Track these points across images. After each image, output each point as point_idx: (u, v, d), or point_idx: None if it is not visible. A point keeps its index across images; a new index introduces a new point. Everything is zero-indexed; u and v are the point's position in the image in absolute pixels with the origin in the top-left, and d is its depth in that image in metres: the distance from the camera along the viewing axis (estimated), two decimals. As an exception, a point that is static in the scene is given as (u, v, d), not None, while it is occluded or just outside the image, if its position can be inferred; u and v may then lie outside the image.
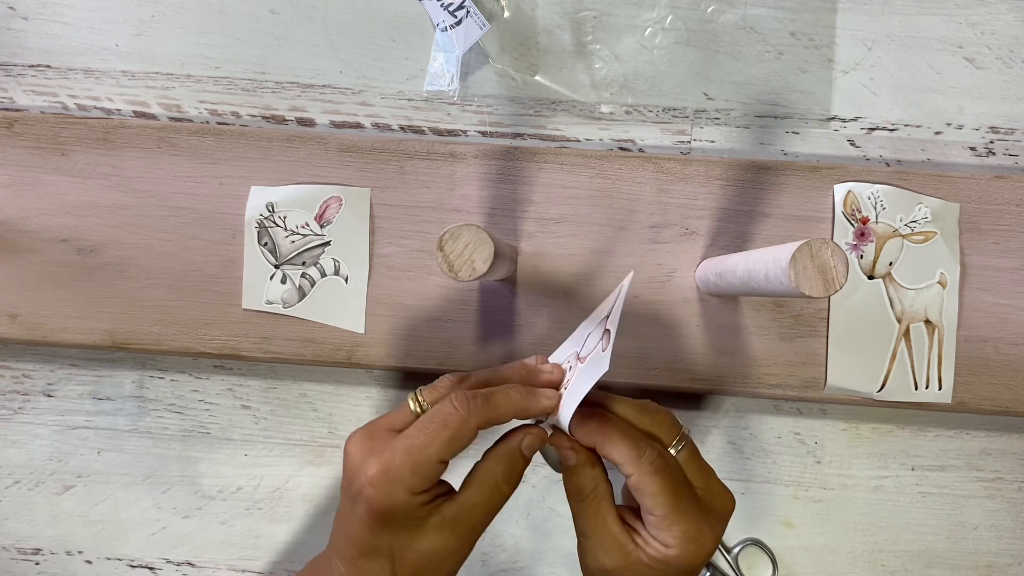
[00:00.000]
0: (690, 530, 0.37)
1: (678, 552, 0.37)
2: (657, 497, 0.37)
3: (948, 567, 0.53)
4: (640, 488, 0.37)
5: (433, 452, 0.36)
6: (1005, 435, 0.53)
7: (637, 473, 0.37)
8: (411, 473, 0.35)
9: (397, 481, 0.35)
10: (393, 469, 0.35)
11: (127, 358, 0.56)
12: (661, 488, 0.37)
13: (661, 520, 0.37)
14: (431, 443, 0.36)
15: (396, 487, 0.35)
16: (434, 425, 0.36)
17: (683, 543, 0.37)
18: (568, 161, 0.52)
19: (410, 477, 0.35)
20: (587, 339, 0.41)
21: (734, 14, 0.55)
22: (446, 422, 0.36)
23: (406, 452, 0.35)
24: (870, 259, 0.51)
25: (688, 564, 0.38)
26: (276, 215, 0.52)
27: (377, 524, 0.36)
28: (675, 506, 0.37)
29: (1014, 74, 0.54)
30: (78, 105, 0.56)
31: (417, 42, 0.55)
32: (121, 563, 0.55)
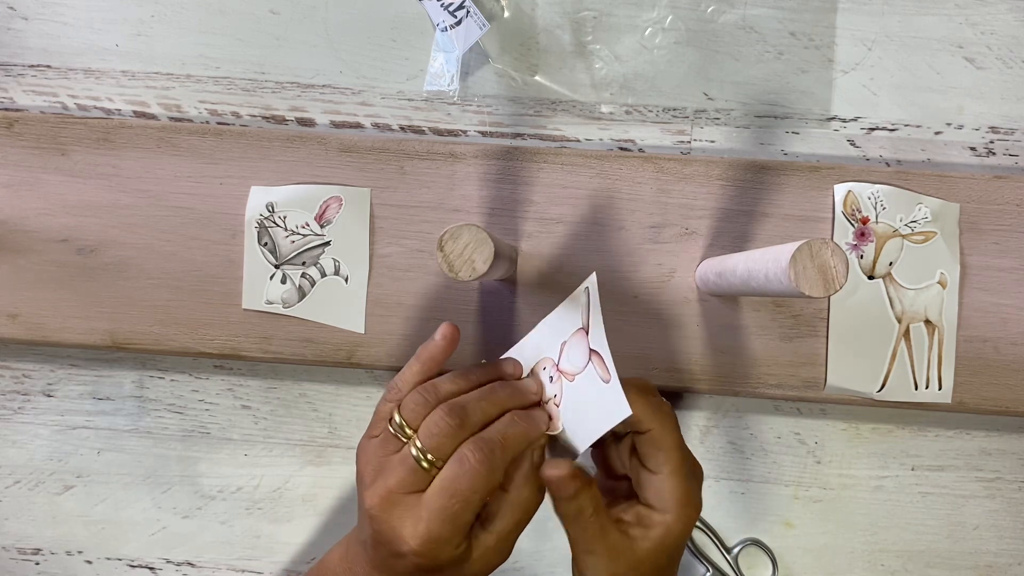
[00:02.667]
0: (687, 491, 0.39)
1: (675, 516, 0.38)
2: (670, 452, 0.38)
3: (948, 567, 0.53)
4: (656, 442, 0.39)
5: (469, 516, 0.37)
6: (1005, 435, 0.53)
7: (658, 427, 0.38)
8: (452, 535, 0.37)
9: (441, 545, 0.37)
10: (435, 538, 0.37)
11: (127, 358, 0.56)
12: (674, 443, 0.39)
13: (665, 479, 0.38)
14: (466, 509, 0.37)
15: (443, 550, 0.37)
16: (463, 491, 0.37)
17: (680, 505, 0.38)
18: (568, 161, 0.52)
19: (452, 538, 0.37)
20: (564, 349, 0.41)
21: (734, 14, 0.55)
22: (474, 487, 0.37)
23: (443, 521, 0.36)
24: (870, 259, 0.51)
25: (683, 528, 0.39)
26: (276, 215, 0.52)
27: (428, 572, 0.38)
28: (680, 465, 0.39)
29: (1014, 74, 0.54)
30: (78, 105, 0.56)
31: (417, 42, 0.55)
32: (121, 563, 0.55)
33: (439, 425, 0.38)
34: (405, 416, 0.39)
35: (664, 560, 0.39)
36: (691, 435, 0.54)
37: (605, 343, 0.38)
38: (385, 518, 0.37)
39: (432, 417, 0.38)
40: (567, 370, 0.40)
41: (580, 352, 0.40)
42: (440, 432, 0.38)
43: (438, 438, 0.38)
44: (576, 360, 0.40)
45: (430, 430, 0.38)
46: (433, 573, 0.38)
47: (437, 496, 0.37)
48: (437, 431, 0.38)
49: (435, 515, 0.36)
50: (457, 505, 0.36)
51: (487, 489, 0.37)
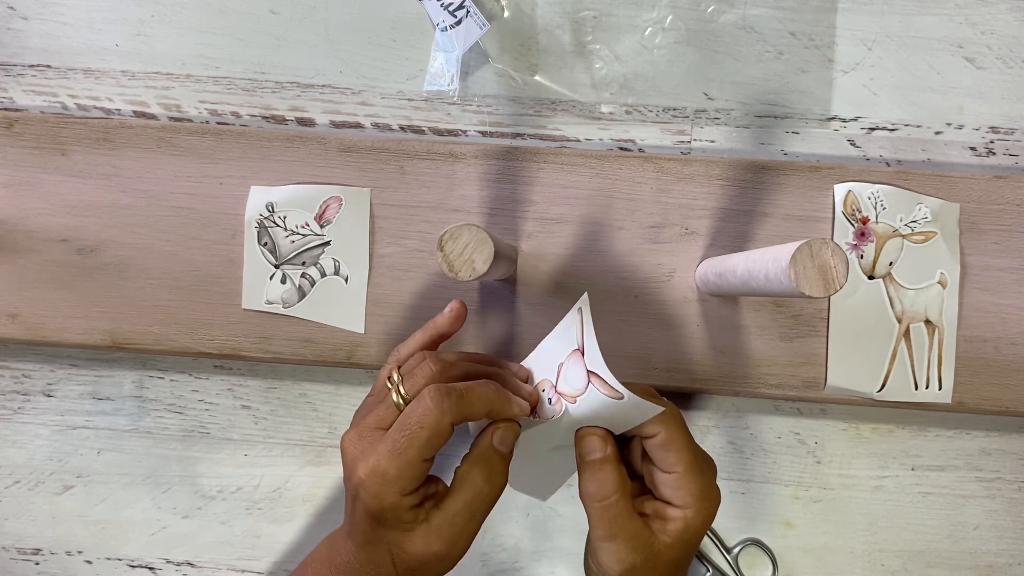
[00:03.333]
0: (705, 485, 0.39)
1: (696, 511, 0.38)
2: (681, 452, 0.39)
3: (948, 567, 0.53)
4: (667, 444, 0.39)
5: (414, 453, 0.36)
6: (1005, 435, 0.53)
7: (664, 429, 0.39)
8: (397, 475, 0.36)
9: (386, 484, 0.36)
10: (380, 472, 0.36)
11: (127, 358, 0.56)
12: (685, 443, 0.39)
13: (681, 478, 0.39)
14: (411, 445, 0.36)
15: (386, 489, 0.36)
16: (411, 426, 0.37)
17: (700, 500, 0.39)
18: (568, 161, 0.52)
19: (396, 479, 0.36)
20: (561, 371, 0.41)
21: (734, 14, 0.55)
22: (422, 423, 0.36)
23: (390, 455, 0.36)
24: (870, 259, 0.51)
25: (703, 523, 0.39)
26: (276, 215, 0.52)
27: (373, 521, 0.37)
28: (694, 462, 0.39)
29: (1014, 74, 0.54)
30: (78, 105, 0.56)
31: (417, 42, 0.55)
32: (121, 563, 0.55)
33: (421, 369, 0.39)
34: (403, 372, 0.40)
35: (682, 555, 0.39)
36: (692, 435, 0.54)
37: (603, 363, 0.38)
38: (351, 450, 0.38)
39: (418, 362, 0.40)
40: (566, 392, 0.40)
41: (578, 374, 0.40)
42: (419, 374, 0.39)
43: (414, 378, 0.39)
44: (575, 382, 0.40)
45: (412, 372, 0.39)
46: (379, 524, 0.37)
47: (391, 431, 0.37)
48: (418, 373, 0.39)
49: (385, 447, 0.37)
50: (404, 439, 0.36)
51: (435, 429, 0.36)
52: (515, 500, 0.54)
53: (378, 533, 0.38)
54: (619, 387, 0.37)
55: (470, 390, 0.38)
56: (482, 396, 0.38)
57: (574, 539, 0.54)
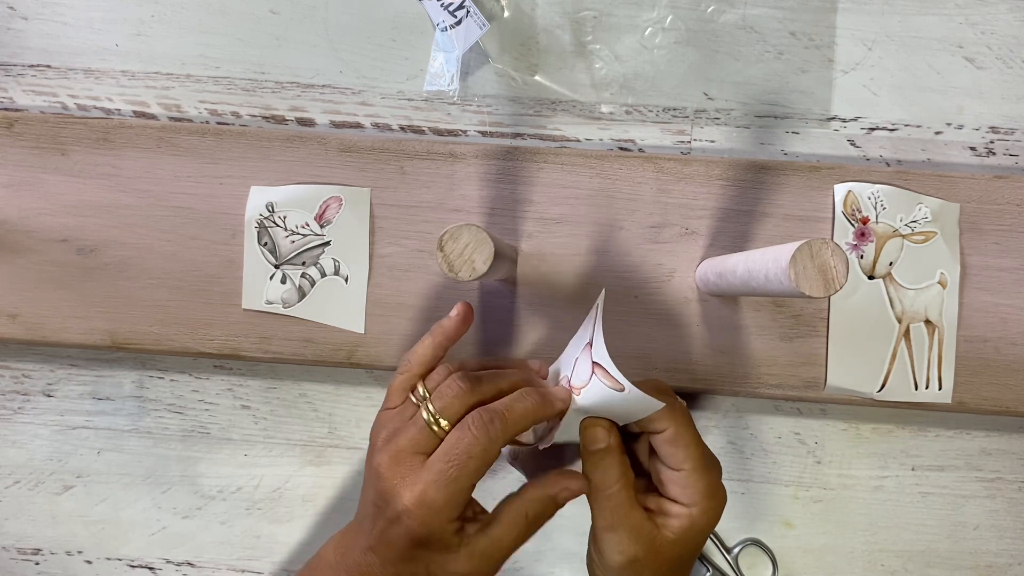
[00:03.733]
0: (711, 483, 0.39)
1: (701, 509, 0.39)
2: (689, 449, 0.39)
3: (948, 567, 0.53)
4: (674, 441, 0.39)
5: (464, 483, 0.37)
6: (1005, 435, 0.53)
7: (672, 425, 0.39)
8: (446, 504, 0.37)
9: (433, 512, 0.37)
10: (428, 502, 0.37)
11: (127, 358, 0.56)
12: (692, 440, 0.39)
13: (688, 475, 0.39)
14: (461, 475, 0.37)
15: (434, 517, 0.37)
16: (459, 455, 0.37)
17: (705, 499, 0.39)
18: (568, 161, 0.52)
19: (445, 507, 0.37)
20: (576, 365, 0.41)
21: (734, 14, 0.55)
22: (471, 452, 0.37)
23: (438, 485, 0.37)
24: (870, 259, 0.51)
25: (708, 522, 0.39)
26: (276, 215, 0.52)
27: (415, 546, 0.38)
28: (701, 460, 0.39)
29: (1014, 74, 0.54)
30: (78, 105, 0.56)
31: (417, 42, 0.55)
32: (121, 563, 0.55)
33: (451, 387, 0.39)
34: (429, 387, 0.40)
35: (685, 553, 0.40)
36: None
37: (606, 355, 0.38)
38: (389, 475, 0.38)
39: (446, 381, 0.39)
40: (576, 385, 0.40)
41: (585, 367, 0.40)
42: (450, 394, 0.39)
43: (447, 399, 0.38)
44: (582, 375, 0.40)
45: (442, 392, 0.39)
46: (422, 548, 0.38)
47: (437, 459, 0.37)
48: (448, 393, 0.39)
49: (432, 476, 0.37)
50: (453, 470, 0.37)
51: (484, 458, 0.37)
52: (515, 500, 0.54)
53: (418, 554, 0.38)
54: (621, 379, 0.37)
55: (511, 409, 0.38)
56: (525, 412, 0.38)
57: (574, 539, 0.54)
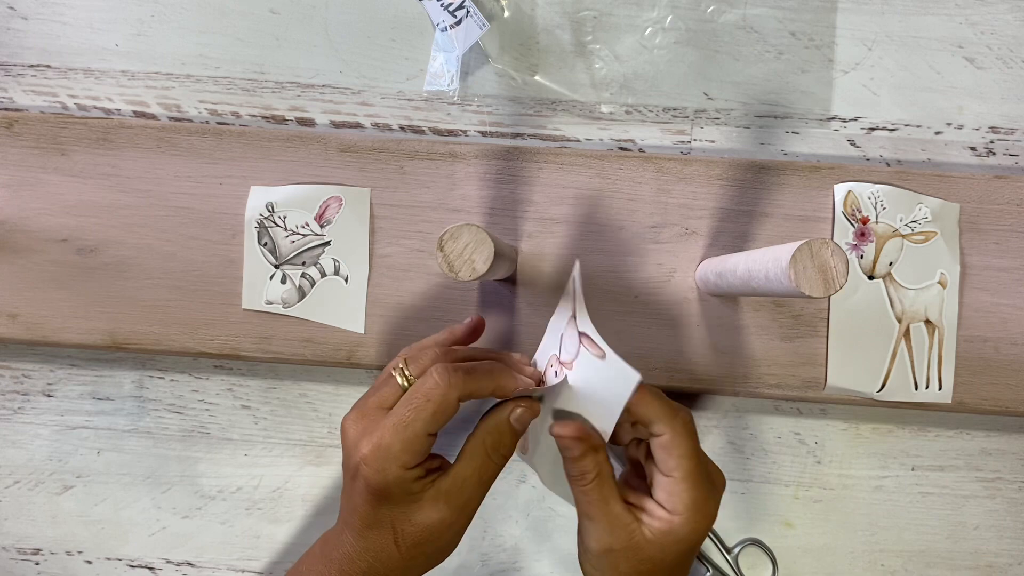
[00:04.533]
0: (699, 498, 0.39)
1: (683, 520, 0.38)
2: (684, 459, 0.39)
3: (948, 567, 0.53)
4: (668, 447, 0.39)
5: (420, 427, 0.37)
6: (1005, 435, 0.53)
7: (670, 432, 0.39)
8: (401, 449, 0.37)
9: (389, 458, 0.37)
10: (384, 446, 0.37)
11: (127, 358, 0.56)
12: (688, 451, 0.39)
13: (677, 483, 0.39)
14: (416, 418, 0.37)
15: (389, 464, 0.37)
16: (418, 400, 0.37)
17: (690, 511, 0.38)
18: (568, 161, 0.52)
19: (401, 453, 0.37)
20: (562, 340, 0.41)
21: (734, 14, 0.55)
22: (428, 396, 0.37)
23: (394, 429, 0.37)
24: (870, 259, 0.51)
25: (689, 534, 0.39)
26: (276, 215, 0.52)
27: (375, 499, 0.37)
28: (693, 471, 0.39)
29: (1014, 74, 0.54)
30: (78, 105, 0.56)
31: (417, 42, 0.55)
32: (121, 563, 0.55)
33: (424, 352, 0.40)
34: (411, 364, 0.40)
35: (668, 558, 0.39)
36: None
37: (590, 323, 0.38)
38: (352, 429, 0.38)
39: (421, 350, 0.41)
40: (565, 360, 0.40)
41: (572, 339, 0.40)
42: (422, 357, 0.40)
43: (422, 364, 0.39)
44: (570, 348, 0.40)
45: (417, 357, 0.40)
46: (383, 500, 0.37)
47: (396, 407, 0.38)
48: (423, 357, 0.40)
49: (388, 422, 0.37)
50: (409, 412, 0.37)
51: (441, 403, 0.37)
52: (515, 500, 0.54)
53: (380, 512, 0.38)
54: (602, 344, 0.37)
55: (476, 368, 0.39)
56: (488, 372, 0.39)
57: (574, 539, 0.54)
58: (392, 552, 0.38)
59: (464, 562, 0.54)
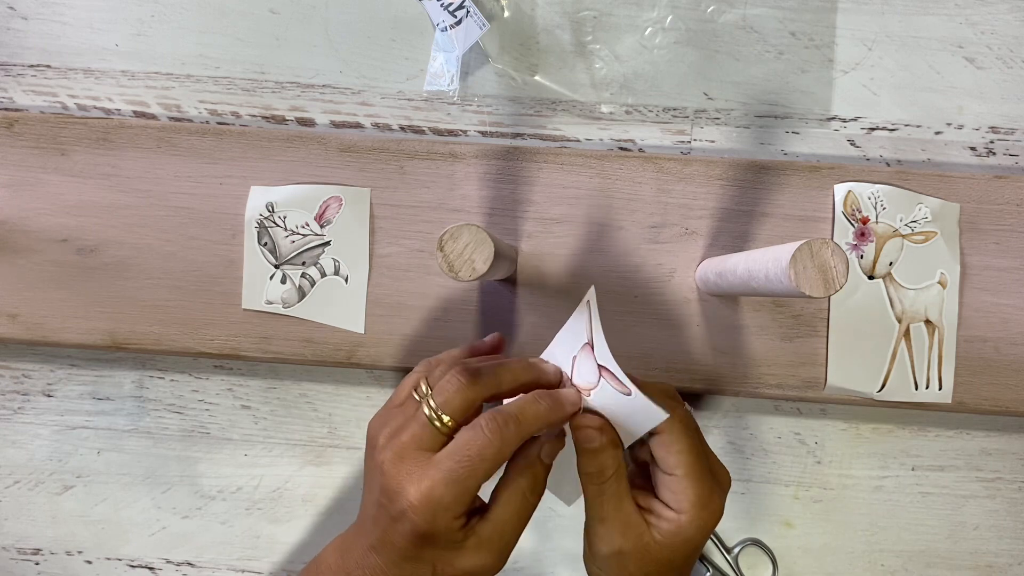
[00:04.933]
0: (703, 494, 0.38)
1: (690, 518, 0.38)
2: (683, 455, 0.38)
3: (948, 567, 0.53)
4: (667, 445, 0.39)
5: (473, 484, 0.37)
6: (1005, 435, 0.53)
7: (668, 430, 0.39)
8: (453, 502, 0.36)
9: (440, 510, 0.36)
10: (435, 499, 0.36)
11: (127, 358, 0.56)
12: (687, 447, 0.39)
13: (680, 480, 0.38)
14: (471, 475, 0.36)
15: (440, 515, 0.36)
16: (471, 457, 0.36)
17: (696, 508, 0.38)
18: (568, 161, 0.52)
19: (452, 505, 0.36)
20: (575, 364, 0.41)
21: (734, 14, 0.55)
22: (483, 455, 0.36)
23: (447, 483, 0.36)
24: (870, 259, 0.51)
25: (696, 532, 0.39)
26: (276, 215, 0.52)
27: (420, 543, 0.37)
28: (695, 467, 0.39)
29: (1014, 74, 0.54)
30: (78, 105, 0.56)
31: (417, 42, 0.55)
32: (121, 563, 0.55)
33: (451, 382, 0.38)
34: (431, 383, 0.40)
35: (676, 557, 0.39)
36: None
37: (611, 357, 0.38)
38: (394, 472, 0.37)
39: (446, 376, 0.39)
40: (581, 386, 0.40)
41: (590, 368, 0.40)
42: (450, 388, 0.38)
43: (447, 394, 0.38)
44: (588, 376, 0.40)
45: (442, 387, 0.38)
46: (427, 544, 0.37)
47: (446, 457, 0.37)
48: (448, 388, 0.38)
49: (440, 475, 0.36)
50: (463, 469, 0.36)
51: (496, 460, 0.37)
52: (515, 500, 0.54)
53: (424, 553, 0.38)
54: (627, 382, 0.37)
55: (524, 412, 0.38)
56: (537, 415, 0.38)
57: (574, 539, 0.54)
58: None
59: (464, 562, 0.54)
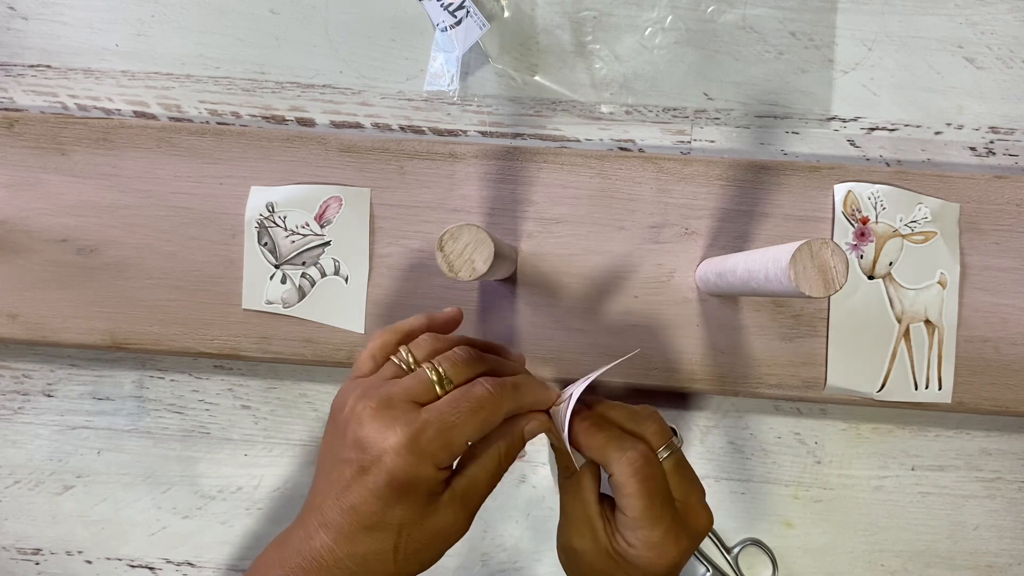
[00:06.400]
0: (654, 538, 0.38)
1: (639, 555, 0.38)
2: (631, 499, 0.38)
3: (948, 567, 0.53)
4: (617, 487, 0.39)
5: (466, 431, 0.35)
6: (1005, 435, 0.53)
7: (617, 472, 0.38)
8: (441, 448, 0.35)
9: (427, 454, 0.34)
10: (424, 441, 0.34)
11: (127, 358, 0.56)
12: (637, 491, 0.38)
13: (632, 521, 0.38)
14: (466, 423, 0.35)
15: (425, 459, 0.34)
16: (467, 405, 0.35)
17: (646, 548, 0.38)
18: (568, 161, 0.52)
19: (439, 451, 0.35)
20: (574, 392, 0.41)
21: (734, 14, 0.55)
22: (481, 404, 0.36)
23: (439, 427, 0.35)
24: (870, 259, 0.51)
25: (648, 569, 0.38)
26: (276, 215, 0.52)
27: (393, 496, 0.34)
28: (647, 511, 0.38)
29: (1014, 74, 0.54)
30: (78, 105, 0.56)
31: (417, 42, 0.55)
32: (121, 563, 0.55)
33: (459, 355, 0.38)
34: (415, 351, 0.38)
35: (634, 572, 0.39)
36: (691, 435, 0.54)
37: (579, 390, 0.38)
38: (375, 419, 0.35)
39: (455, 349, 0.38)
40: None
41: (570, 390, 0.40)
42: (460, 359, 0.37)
43: (457, 363, 0.37)
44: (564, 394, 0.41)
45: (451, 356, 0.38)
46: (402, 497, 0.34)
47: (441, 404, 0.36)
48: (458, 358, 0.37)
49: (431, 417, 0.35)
50: (455, 416, 0.35)
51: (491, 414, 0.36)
52: (515, 500, 0.54)
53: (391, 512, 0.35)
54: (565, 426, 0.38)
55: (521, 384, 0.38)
56: (531, 388, 0.39)
57: (574, 539, 0.54)
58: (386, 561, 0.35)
59: (464, 562, 0.54)
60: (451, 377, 0.37)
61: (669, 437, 0.40)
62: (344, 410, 0.36)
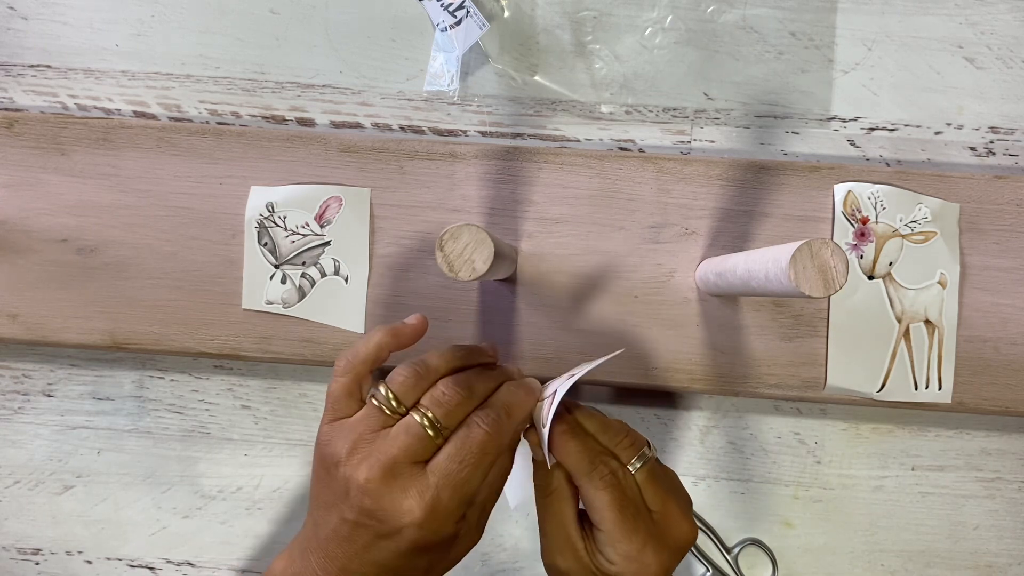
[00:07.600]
0: (632, 551, 0.37)
1: (619, 570, 0.38)
2: (602, 512, 0.38)
3: (948, 567, 0.53)
4: (587, 502, 0.38)
5: (478, 480, 0.36)
6: (1005, 435, 0.53)
7: (586, 486, 0.38)
8: (459, 506, 0.36)
9: (448, 515, 0.35)
10: (443, 508, 0.35)
11: (127, 358, 0.56)
12: (608, 504, 0.37)
13: (606, 536, 0.38)
14: (475, 473, 0.36)
15: (445, 523, 0.35)
16: (473, 457, 0.35)
17: (624, 562, 0.37)
18: (568, 161, 0.52)
19: (458, 509, 0.36)
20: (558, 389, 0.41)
21: (734, 14, 0.55)
22: (484, 450, 0.36)
23: (453, 488, 0.35)
24: (870, 259, 0.51)
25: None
26: (276, 215, 0.52)
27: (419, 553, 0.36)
28: (620, 524, 0.37)
29: (1014, 74, 0.54)
30: (78, 105, 0.56)
31: (417, 42, 0.55)
32: (121, 563, 0.55)
33: (447, 395, 0.37)
34: (396, 390, 0.37)
35: None
36: (691, 435, 0.54)
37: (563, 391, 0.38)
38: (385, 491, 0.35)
39: (439, 388, 0.37)
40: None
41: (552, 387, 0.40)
42: (450, 401, 0.36)
43: (447, 407, 0.36)
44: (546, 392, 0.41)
45: (438, 400, 0.37)
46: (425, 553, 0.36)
47: (446, 462, 0.35)
48: (446, 400, 0.36)
49: (444, 482, 0.35)
50: (466, 471, 0.35)
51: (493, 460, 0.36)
52: (515, 500, 0.54)
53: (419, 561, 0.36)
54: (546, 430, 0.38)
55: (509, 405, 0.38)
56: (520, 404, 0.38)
57: (574, 539, 0.54)
58: None
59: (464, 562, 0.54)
60: (444, 423, 0.36)
61: (641, 448, 0.40)
62: (338, 465, 0.36)
